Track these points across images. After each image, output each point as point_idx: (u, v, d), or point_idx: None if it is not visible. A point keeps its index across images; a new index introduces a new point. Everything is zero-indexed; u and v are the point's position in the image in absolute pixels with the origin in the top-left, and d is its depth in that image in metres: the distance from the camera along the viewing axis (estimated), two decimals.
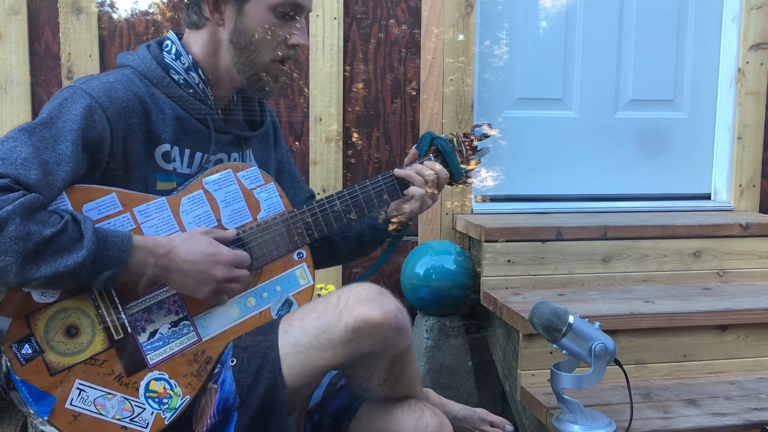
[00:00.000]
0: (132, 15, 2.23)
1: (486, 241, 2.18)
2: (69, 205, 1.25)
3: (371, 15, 2.39)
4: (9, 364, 1.22)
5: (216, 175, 1.40)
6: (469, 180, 1.66)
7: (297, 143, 2.37)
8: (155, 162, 1.36)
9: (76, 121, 1.25)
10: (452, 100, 2.42)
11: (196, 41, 1.43)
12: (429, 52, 2.40)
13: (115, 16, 2.22)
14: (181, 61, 1.42)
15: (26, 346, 1.23)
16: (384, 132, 2.42)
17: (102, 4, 2.21)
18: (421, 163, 1.56)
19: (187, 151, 1.40)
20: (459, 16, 2.40)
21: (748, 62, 2.63)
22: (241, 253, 1.35)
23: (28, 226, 1.13)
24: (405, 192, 1.54)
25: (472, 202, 2.48)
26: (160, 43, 1.45)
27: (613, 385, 1.85)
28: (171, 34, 1.45)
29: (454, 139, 1.63)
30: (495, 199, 2.56)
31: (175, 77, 1.40)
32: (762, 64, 2.64)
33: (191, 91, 1.41)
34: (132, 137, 1.32)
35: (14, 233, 1.12)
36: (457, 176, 1.61)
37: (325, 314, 1.29)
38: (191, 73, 1.41)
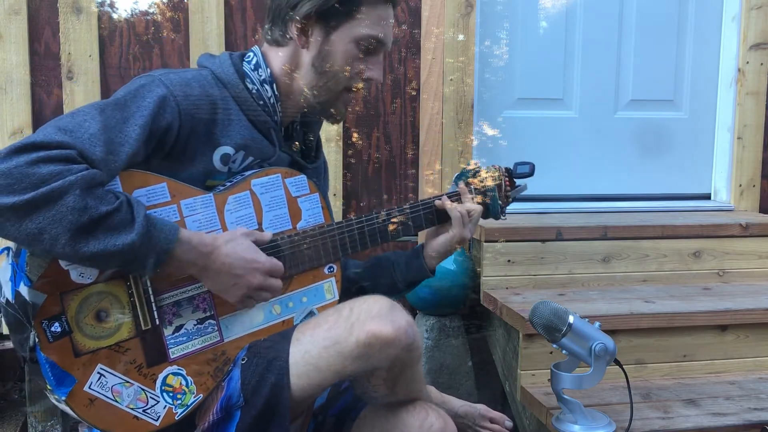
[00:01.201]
0: (132, 15, 2.23)
1: (486, 241, 2.18)
2: (120, 188, 1.26)
3: None
4: (37, 340, 1.22)
5: (265, 178, 1.42)
6: (503, 218, 1.67)
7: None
8: (212, 163, 1.37)
9: (148, 108, 1.27)
10: (452, 100, 2.42)
11: (276, 57, 1.46)
12: (429, 52, 2.40)
13: (115, 16, 2.22)
14: (258, 73, 1.44)
15: (56, 324, 1.23)
16: (384, 132, 2.42)
17: (102, 4, 2.21)
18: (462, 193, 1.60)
19: (249, 158, 1.42)
20: (459, 16, 2.40)
21: (748, 62, 2.63)
22: (277, 263, 1.35)
23: (86, 200, 1.14)
24: (441, 221, 1.58)
25: None
26: (243, 54, 1.48)
27: (613, 385, 1.85)
28: (255, 48, 1.48)
29: (498, 174, 1.65)
30: None
31: (250, 86, 1.43)
32: (762, 64, 2.64)
33: (261, 103, 1.43)
34: (196, 135, 1.34)
35: (72, 203, 1.13)
36: (494, 213, 1.64)
37: (336, 327, 1.29)
38: (266, 86, 1.44)
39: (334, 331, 1.29)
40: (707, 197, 2.77)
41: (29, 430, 2.13)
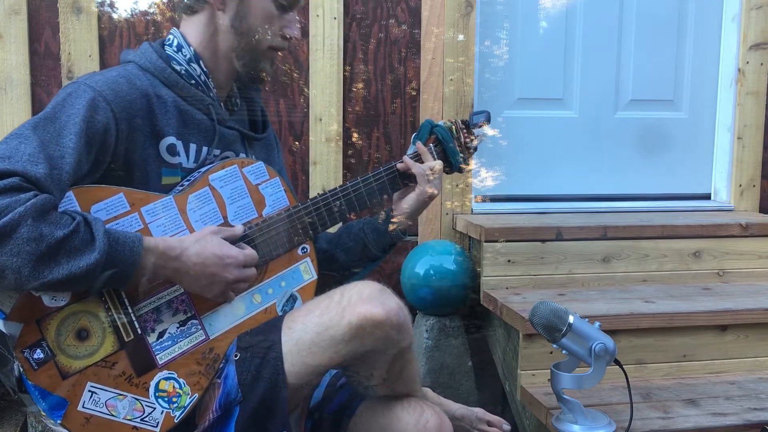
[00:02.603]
0: (132, 15, 2.23)
1: (486, 241, 2.18)
2: (77, 206, 1.25)
3: (371, 15, 2.39)
4: (21, 369, 1.22)
5: (222, 171, 1.41)
6: (466, 167, 1.68)
7: (297, 143, 2.37)
8: (160, 156, 1.36)
9: (79, 114, 1.25)
10: (452, 100, 2.41)
11: (194, 27, 1.45)
12: (429, 52, 2.40)
13: (115, 16, 2.22)
14: (182, 53, 1.44)
15: (38, 350, 1.23)
16: (384, 132, 2.42)
17: (102, 4, 2.21)
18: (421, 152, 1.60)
19: (192, 146, 1.41)
20: (459, 16, 2.40)
21: (748, 62, 2.63)
22: (250, 253, 1.36)
23: (41, 228, 1.13)
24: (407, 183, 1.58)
25: (472, 202, 2.48)
26: (163, 40, 1.47)
27: (613, 385, 1.85)
28: (174, 30, 1.47)
29: (453, 126, 1.65)
30: (495, 199, 2.56)
31: (177, 68, 1.42)
32: (762, 64, 2.64)
33: (193, 82, 1.43)
34: (136, 131, 1.33)
35: (27, 235, 1.11)
36: (455, 164, 1.64)
37: (327, 312, 1.30)
38: (192, 64, 1.43)
39: (326, 316, 1.29)
40: (707, 197, 2.77)
41: (29, 430, 2.12)
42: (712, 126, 2.75)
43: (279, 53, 1.51)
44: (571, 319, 1.53)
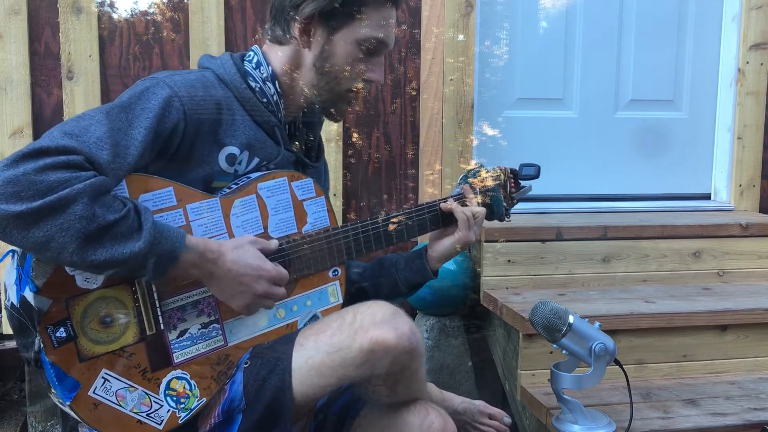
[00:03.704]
0: (132, 15, 2.23)
1: (486, 241, 2.18)
2: (127, 193, 1.25)
3: None
4: (42, 345, 1.22)
5: (271, 182, 1.41)
6: (507, 219, 1.68)
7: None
8: (218, 164, 1.37)
9: (153, 110, 1.26)
10: (452, 100, 2.42)
11: (277, 56, 1.46)
12: (429, 52, 2.40)
13: (115, 16, 2.22)
14: (260, 71, 1.44)
15: (62, 329, 1.23)
16: (384, 132, 2.42)
17: (102, 4, 2.21)
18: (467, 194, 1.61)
19: (256, 159, 1.42)
20: (459, 16, 2.40)
21: (748, 62, 2.63)
22: (282, 271, 1.35)
23: (94, 208, 1.13)
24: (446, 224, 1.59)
25: None
26: (243, 54, 1.48)
27: (613, 385, 1.85)
28: (255, 47, 1.48)
29: (502, 174, 1.65)
30: None
31: (252, 84, 1.43)
32: (762, 64, 2.64)
33: (265, 101, 1.43)
34: (201, 136, 1.34)
35: (80, 212, 1.12)
36: (497, 213, 1.65)
37: (339, 332, 1.29)
38: (268, 83, 1.44)
39: (337, 337, 1.29)
40: (707, 197, 2.77)
41: (29, 430, 2.13)
42: (712, 126, 2.75)
43: (357, 94, 1.50)
44: (571, 319, 1.53)
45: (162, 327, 1.31)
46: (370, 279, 1.65)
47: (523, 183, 1.68)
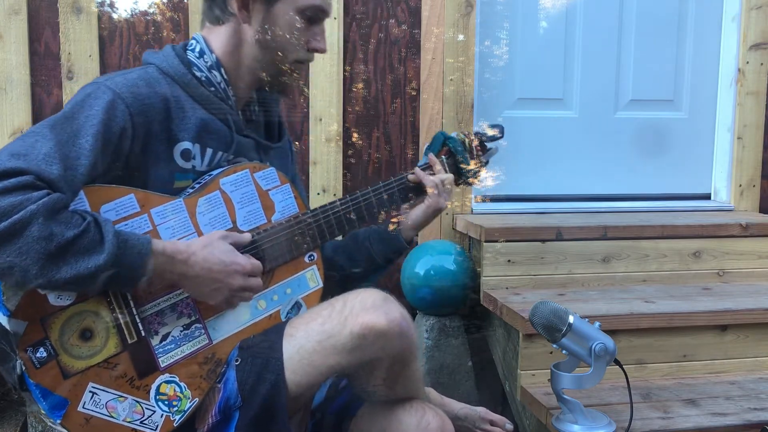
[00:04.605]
0: (132, 15, 2.23)
1: (486, 241, 2.18)
2: (87, 205, 1.24)
3: (371, 15, 2.39)
4: (24, 368, 1.21)
5: (233, 176, 1.40)
6: (475, 181, 1.67)
7: (297, 143, 2.37)
8: (174, 161, 1.36)
9: (97, 116, 1.25)
10: (452, 100, 2.42)
11: (218, 37, 1.44)
12: (429, 52, 2.40)
13: (115, 16, 2.22)
14: (204, 60, 1.43)
15: (41, 349, 1.23)
16: (384, 132, 2.42)
17: (102, 4, 2.21)
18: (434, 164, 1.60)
19: (209, 150, 1.40)
20: (459, 16, 2.40)
21: (748, 62, 2.63)
22: (256, 263, 1.35)
23: (51, 227, 1.12)
24: (416, 195, 1.58)
25: (472, 202, 2.48)
26: (185, 44, 1.46)
27: (613, 385, 1.85)
28: (197, 35, 1.46)
29: (466, 139, 1.65)
30: (495, 199, 2.56)
31: (198, 74, 1.41)
32: (762, 64, 2.64)
33: (213, 89, 1.41)
34: (152, 134, 1.32)
35: (37, 233, 1.11)
36: (466, 177, 1.65)
37: (330, 320, 1.29)
38: (213, 71, 1.42)
39: (328, 324, 1.29)
40: (707, 197, 2.77)
41: (29, 430, 2.13)
42: (712, 126, 2.75)
43: (302, 66, 1.49)
44: (571, 319, 1.53)
45: (143, 334, 1.30)
46: (345, 254, 1.64)
47: (489, 145, 1.68)
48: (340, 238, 1.60)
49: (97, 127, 1.24)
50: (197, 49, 1.43)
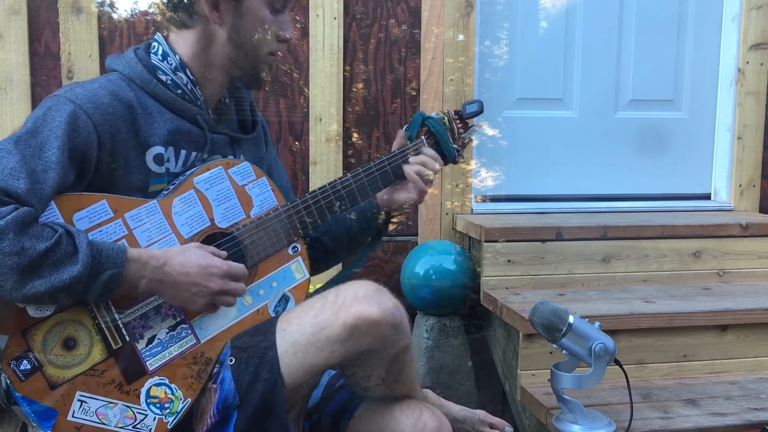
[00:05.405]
0: (132, 15, 2.23)
1: (486, 241, 2.18)
2: (59, 215, 1.23)
3: (371, 15, 2.39)
4: (9, 381, 1.21)
5: (207, 174, 1.39)
6: (461, 160, 1.66)
7: (297, 143, 2.37)
8: (147, 167, 1.34)
9: (60, 128, 1.24)
10: (452, 100, 2.41)
11: (184, 40, 1.43)
12: (429, 52, 2.40)
13: (115, 16, 2.22)
14: (168, 62, 1.41)
15: (24, 361, 1.22)
16: (384, 132, 2.42)
17: (102, 4, 2.21)
18: (414, 147, 1.58)
19: (182, 152, 1.39)
20: (459, 16, 2.40)
21: (748, 62, 2.63)
22: (235, 265, 1.34)
23: (22, 241, 1.12)
24: (398, 180, 1.57)
25: (472, 202, 2.48)
26: (148, 46, 1.44)
27: (613, 385, 1.85)
28: (158, 36, 1.44)
29: (445, 118, 1.63)
30: (495, 199, 2.56)
31: (163, 78, 1.39)
32: (762, 64, 2.64)
33: (179, 92, 1.40)
34: (120, 142, 1.31)
35: (8, 249, 1.11)
36: (449, 156, 1.63)
37: (322, 312, 1.29)
38: (179, 73, 1.41)
39: (320, 316, 1.29)
40: (707, 197, 2.77)
41: (29, 430, 2.12)
42: (712, 126, 2.75)
43: (278, 54, 1.49)
44: (571, 319, 1.53)
45: (128, 338, 1.29)
46: (329, 233, 1.63)
47: (469, 122, 1.67)
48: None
49: (62, 139, 1.23)
50: (159, 52, 1.42)
